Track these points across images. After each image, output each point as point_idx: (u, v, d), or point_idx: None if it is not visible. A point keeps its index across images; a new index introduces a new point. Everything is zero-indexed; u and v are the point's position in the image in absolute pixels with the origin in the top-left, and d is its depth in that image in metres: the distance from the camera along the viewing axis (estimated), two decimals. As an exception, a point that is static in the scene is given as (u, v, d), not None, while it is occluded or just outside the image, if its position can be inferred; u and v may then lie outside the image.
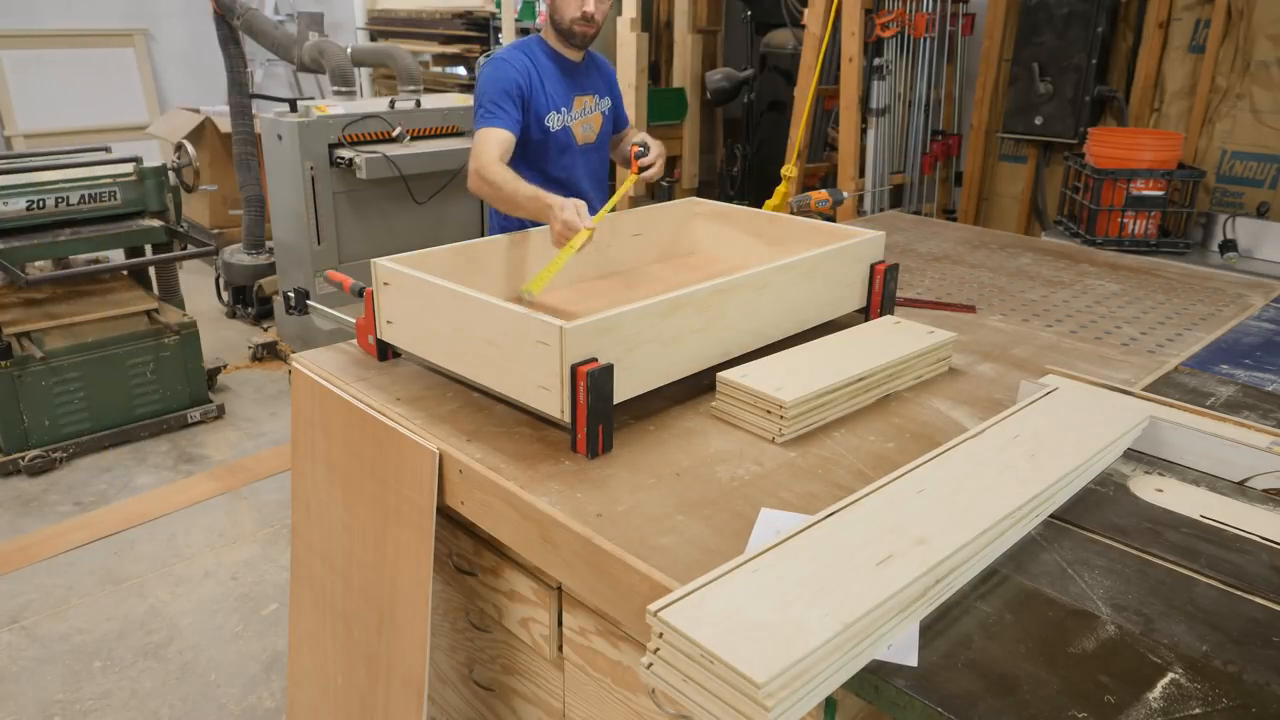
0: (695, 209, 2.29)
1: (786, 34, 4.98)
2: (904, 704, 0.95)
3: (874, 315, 1.95)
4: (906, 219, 3.26)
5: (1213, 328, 2.08)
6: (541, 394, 1.43)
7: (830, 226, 2.10)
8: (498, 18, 6.21)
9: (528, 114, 2.33)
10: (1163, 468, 1.42)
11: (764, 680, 0.88)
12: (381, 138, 4.25)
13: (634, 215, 2.18)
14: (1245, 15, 3.49)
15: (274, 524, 3.30)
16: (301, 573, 1.91)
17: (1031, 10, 3.95)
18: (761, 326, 1.72)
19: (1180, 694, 0.95)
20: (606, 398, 1.42)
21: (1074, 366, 1.78)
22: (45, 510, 3.39)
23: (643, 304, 1.48)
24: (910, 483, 1.26)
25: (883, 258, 1.95)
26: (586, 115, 2.48)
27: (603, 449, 1.45)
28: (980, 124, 4.36)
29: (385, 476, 1.59)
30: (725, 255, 2.23)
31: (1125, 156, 3.46)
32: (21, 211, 3.60)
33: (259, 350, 4.77)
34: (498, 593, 1.56)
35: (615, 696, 1.37)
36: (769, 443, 1.49)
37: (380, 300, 1.71)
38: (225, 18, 4.80)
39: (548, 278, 1.87)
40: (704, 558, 1.17)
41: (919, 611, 1.05)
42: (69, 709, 2.44)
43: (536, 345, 1.40)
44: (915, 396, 1.68)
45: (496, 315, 1.47)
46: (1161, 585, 1.13)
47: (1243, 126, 3.59)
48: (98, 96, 7.14)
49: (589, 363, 1.38)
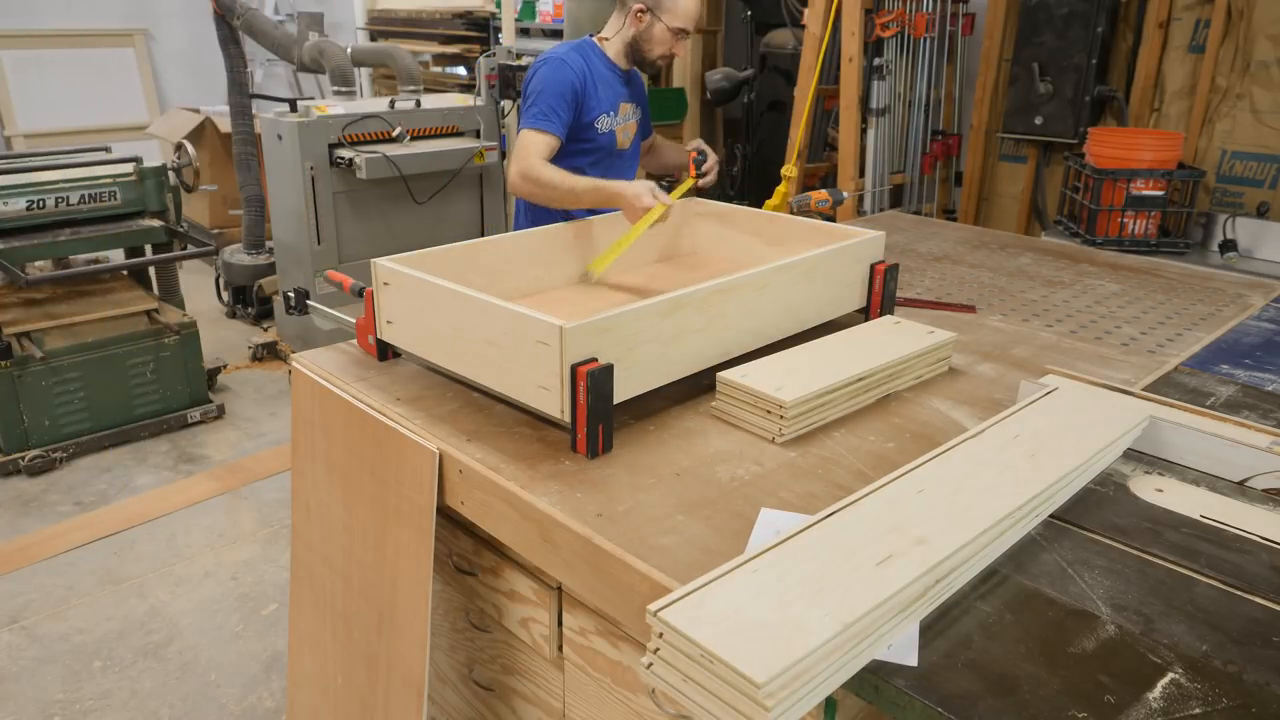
0: (695, 209, 2.29)
1: (786, 34, 4.98)
2: (904, 704, 0.95)
3: (874, 315, 1.95)
4: (906, 219, 3.26)
5: (1213, 328, 2.08)
6: (541, 394, 1.43)
7: (830, 226, 2.10)
8: (498, 18, 6.21)
9: (580, 116, 2.38)
10: (1163, 468, 1.42)
11: (764, 680, 0.88)
12: (381, 138, 4.25)
13: None
14: (1245, 15, 3.49)
15: (274, 524, 3.30)
16: (301, 573, 1.91)
17: (1031, 10, 3.95)
18: (761, 326, 1.72)
19: (1180, 694, 0.95)
20: (606, 398, 1.42)
21: (1074, 366, 1.78)
22: (45, 510, 3.39)
23: (643, 304, 1.47)
24: (910, 483, 1.26)
25: (883, 258, 1.95)
26: (627, 121, 2.54)
27: (603, 449, 1.44)
28: (980, 124, 4.36)
29: (385, 476, 1.59)
30: (725, 255, 2.23)
31: (1125, 156, 3.46)
32: (21, 211, 3.60)
33: (259, 350, 4.77)
34: (498, 593, 1.56)
35: (615, 696, 1.37)
36: (769, 443, 1.49)
37: (380, 300, 1.71)
38: (225, 18, 4.80)
39: (613, 257, 1.95)
40: (704, 558, 1.17)
41: (919, 611, 1.05)
42: (69, 709, 2.44)
43: (536, 345, 1.40)
44: (915, 396, 1.68)
45: (496, 315, 1.46)
46: (1161, 585, 1.13)
47: (1243, 126, 3.59)
48: (98, 96, 7.14)
49: (589, 363, 1.38)
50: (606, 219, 2.10)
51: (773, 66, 5.13)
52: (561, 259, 2.03)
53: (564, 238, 2.03)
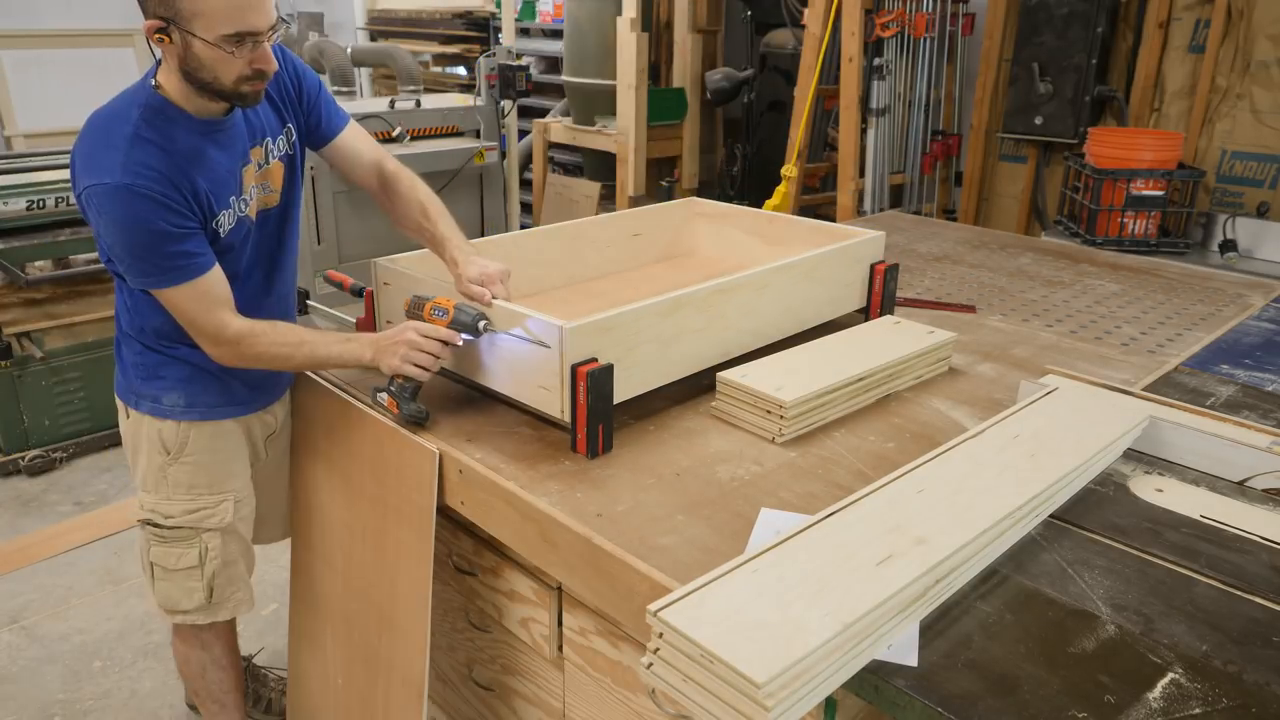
0: (694, 209, 2.29)
1: (786, 34, 4.98)
2: (904, 704, 0.95)
3: (874, 315, 1.95)
4: (906, 219, 3.26)
5: (1213, 328, 2.08)
6: (541, 394, 1.43)
7: (830, 226, 2.10)
8: (498, 18, 6.20)
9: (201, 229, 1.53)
10: (1163, 468, 1.42)
11: (764, 680, 0.88)
12: (382, 138, 4.25)
13: (633, 215, 2.18)
14: (1245, 15, 3.48)
15: (274, 524, 3.30)
16: (301, 573, 1.91)
17: (1031, 10, 3.95)
18: (761, 326, 1.72)
19: (1180, 694, 0.95)
20: (606, 398, 1.42)
21: (1074, 366, 1.78)
22: (45, 510, 3.39)
23: (643, 304, 1.48)
24: (910, 483, 1.26)
25: (883, 258, 1.95)
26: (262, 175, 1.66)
27: (603, 449, 1.44)
28: (980, 124, 4.36)
29: (385, 476, 1.59)
30: (725, 255, 2.23)
31: (1125, 156, 3.46)
32: (21, 211, 3.60)
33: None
34: (498, 593, 1.56)
35: (615, 696, 1.37)
36: (769, 443, 1.49)
37: (380, 300, 1.71)
38: (225, 18, 4.79)
39: None
40: (704, 558, 1.17)
41: (919, 611, 1.05)
42: (69, 709, 2.44)
43: (537, 345, 1.40)
44: (915, 396, 1.68)
45: (497, 316, 1.47)
46: (1161, 585, 1.13)
47: (1243, 126, 3.58)
48: (98, 96, 7.08)
49: (589, 363, 1.38)
50: (597, 221, 2.08)
51: (773, 66, 5.13)
52: (561, 260, 2.03)
53: (564, 238, 2.03)
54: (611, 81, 5.29)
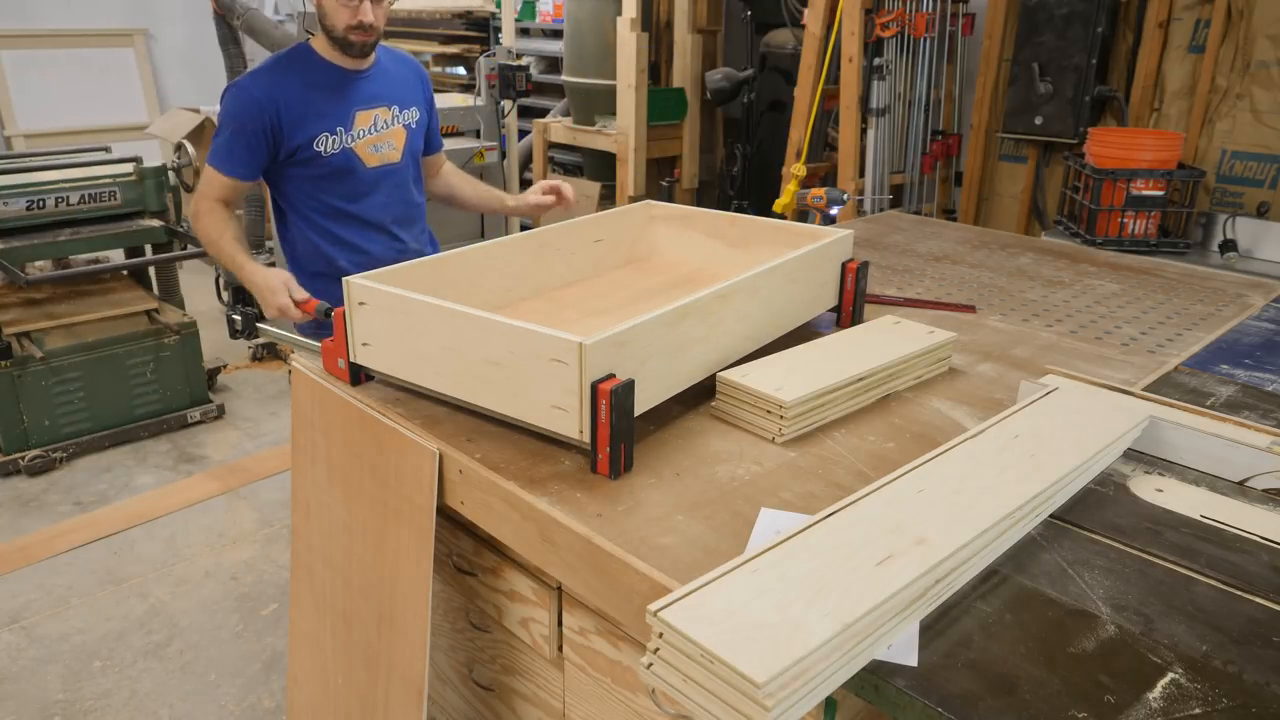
0: (652, 212, 2.23)
1: (786, 34, 4.98)
2: (904, 704, 0.95)
3: (846, 314, 1.94)
4: (906, 219, 3.26)
5: (1213, 328, 2.08)
6: (556, 415, 1.35)
7: (792, 226, 2.06)
8: (498, 18, 6.21)
9: (282, 143, 2.07)
10: (1163, 468, 1.42)
11: (764, 680, 0.88)
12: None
13: (593, 221, 2.11)
14: (1245, 15, 3.49)
15: (274, 524, 3.30)
16: (301, 573, 1.91)
17: (1031, 10, 3.95)
18: (753, 331, 1.70)
19: (1180, 694, 0.95)
20: (629, 414, 1.34)
21: (1074, 366, 1.78)
22: (45, 510, 3.39)
23: (655, 314, 1.42)
24: (910, 483, 1.26)
25: (852, 255, 1.94)
26: (380, 133, 2.15)
27: (625, 468, 1.37)
28: (980, 124, 4.37)
29: (385, 476, 1.59)
30: (688, 257, 2.17)
31: (1125, 156, 3.46)
32: (21, 211, 3.61)
33: (259, 350, 4.77)
34: (498, 593, 1.56)
35: (615, 696, 1.37)
36: (769, 443, 1.49)
37: (355, 321, 1.59)
38: (225, 18, 4.80)
39: None
40: (704, 558, 1.17)
41: (919, 611, 1.05)
42: (69, 709, 2.44)
43: (550, 364, 1.32)
44: (915, 396, 1.68)
45: (501, 333, 1.37)
46: (1161, 585, 1.13)
47: (1243, 126, 3.59)
48: (97, 96, 7.15)
49: (608, 379, 1.30)
50: (559, 228, 2.01)
51: (773, 66, 5.13)
52: (529, 269, 1.95)
53: (529, 247, 1.95)
54: (611, 81, 5.29)
